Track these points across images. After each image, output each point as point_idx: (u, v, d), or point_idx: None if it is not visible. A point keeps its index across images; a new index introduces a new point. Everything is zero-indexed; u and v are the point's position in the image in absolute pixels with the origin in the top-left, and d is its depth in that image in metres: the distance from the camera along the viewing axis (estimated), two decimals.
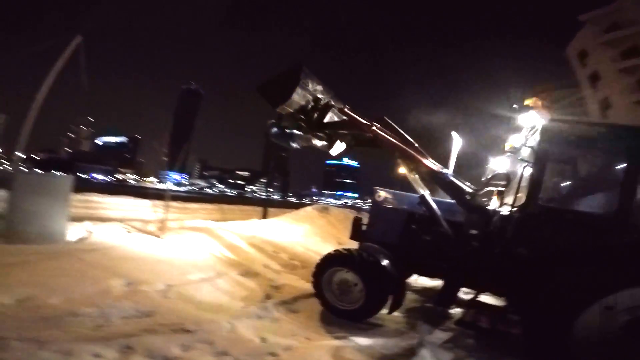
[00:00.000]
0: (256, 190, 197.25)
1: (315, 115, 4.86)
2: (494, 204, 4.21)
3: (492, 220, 4.12)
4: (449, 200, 4.52)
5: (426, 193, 4.46)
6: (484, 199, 4.33)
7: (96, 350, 2.60)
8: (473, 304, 4.06)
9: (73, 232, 6.42)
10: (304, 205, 15.14)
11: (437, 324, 4.42)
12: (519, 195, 3.89)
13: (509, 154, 4.69)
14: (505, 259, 3.70)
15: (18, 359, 2.36)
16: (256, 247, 7.38)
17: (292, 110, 4.72)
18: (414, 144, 4.68)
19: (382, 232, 4.84)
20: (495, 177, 4.50)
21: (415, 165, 4.51)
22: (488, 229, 4.06)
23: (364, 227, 5.16)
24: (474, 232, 4.10)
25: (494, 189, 4.37)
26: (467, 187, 4.46)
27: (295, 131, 4.96)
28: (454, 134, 5.02)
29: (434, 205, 4.35)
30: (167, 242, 6.19)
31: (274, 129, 5.06)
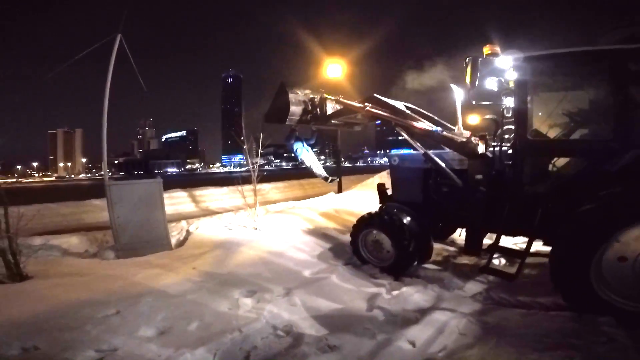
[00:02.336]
0: None
1: (318, 110, 5.35)
2: (480, 149, 4.08)
3: (494, 163, 4.08)
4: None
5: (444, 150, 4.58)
6: (479, 144, 4.19)
7: None
8: (494, 249, 3.96)
9: (173, 234, 6.29)
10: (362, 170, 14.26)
11: (466, 274, 4.42)
12: (508, 133, 3.99)
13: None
14: (514, 198, 3.76)
15: None
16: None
17: (298, 118, 5.23)
18: (404, 112, 4.84)
19: (405, 192, 5.11)
20: (484, 122, 4.52)
21: (411, 130, 4.64)
22: (491, 171, 4.08)
23: (388, 192, 5.45)
24: (479, 177, 4.16)
25: (482, 133, 4.25)
26: (460, 136, 4.44)
27: (304, 143, 5.75)
28: (453, 86, 4.84)
29: (437, 159, 4.47)
30: (266, 234, 5.82)
31: (291, 142, 5.71)
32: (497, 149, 4.11)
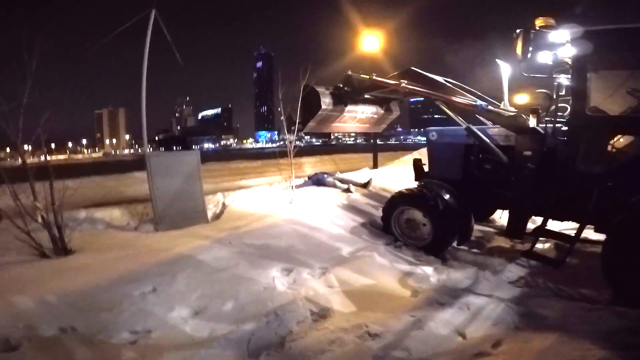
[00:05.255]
0: (340, 136, 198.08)
1: (347, 89, 5.47)
2: (532, 123, 3.75)
3: (545, 139, 3.71)
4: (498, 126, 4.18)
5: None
6: (529, 119, 3.85)
7: None
8: (540, 233, 3.64)
9: (209, 207, 6.23)
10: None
11: (508, 257, 4.05)
12: (561, 110, 3.73)
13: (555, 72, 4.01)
14: (565, 178, 3.44)
15: None
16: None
17: (331, 101, 5.39)
18: (445, 85, 4.53)
19: (443, 169, 4.77)
20: (536, 96, 4.01)
21: (451, 105, 4.38)
22: (542, 148, 3.70)
23: (425, 168, 5.18)
24: (528, 153, 3.77)
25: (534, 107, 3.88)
26: (508, 111, 4.09)
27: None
28: (499, 61, 4.56)
29: (481, 134, 4.17)
30: (301, 208, 5.57)
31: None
32: (549, 125, 3.76)
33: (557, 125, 3.72)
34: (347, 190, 6.64)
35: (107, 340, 2.41)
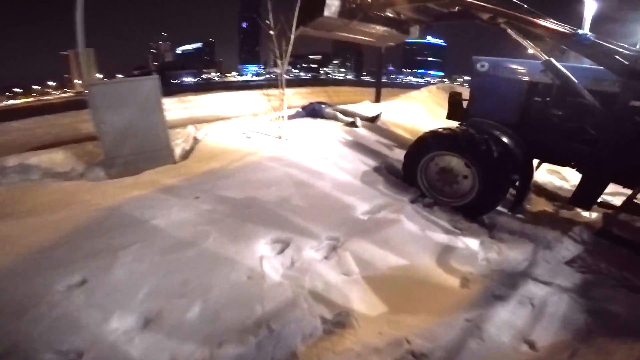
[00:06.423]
0: (329, 72, 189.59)
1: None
2: None
3: None
4: (587, 65, 3.22)
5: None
6: None
7: None
8: (627, 207, 2.86)
9: (177, 142, 5.01)
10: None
11: (563, 229, 3.08)
12: None
13: None
14: None
15: None
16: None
17: (339, 4, 4.11)
18: (522, 6, 3.43)
19: (492, 108, 3.70)
20: None
21: (532, 29, 3.23)
22: None
23: (464, 104, 4.08)
24: (636, 104, 2.81)
25: None
26: (622, 49, 2.98)
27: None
28: None
29: (567, 72, 3.07)
30: (295, 145, 4.38)
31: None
32: None
33: None
34: (353, 125, 5.42)
35: None
